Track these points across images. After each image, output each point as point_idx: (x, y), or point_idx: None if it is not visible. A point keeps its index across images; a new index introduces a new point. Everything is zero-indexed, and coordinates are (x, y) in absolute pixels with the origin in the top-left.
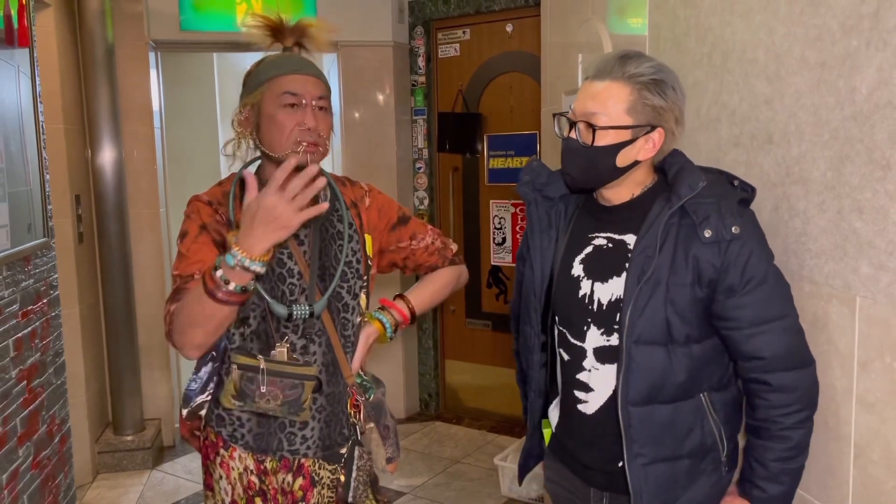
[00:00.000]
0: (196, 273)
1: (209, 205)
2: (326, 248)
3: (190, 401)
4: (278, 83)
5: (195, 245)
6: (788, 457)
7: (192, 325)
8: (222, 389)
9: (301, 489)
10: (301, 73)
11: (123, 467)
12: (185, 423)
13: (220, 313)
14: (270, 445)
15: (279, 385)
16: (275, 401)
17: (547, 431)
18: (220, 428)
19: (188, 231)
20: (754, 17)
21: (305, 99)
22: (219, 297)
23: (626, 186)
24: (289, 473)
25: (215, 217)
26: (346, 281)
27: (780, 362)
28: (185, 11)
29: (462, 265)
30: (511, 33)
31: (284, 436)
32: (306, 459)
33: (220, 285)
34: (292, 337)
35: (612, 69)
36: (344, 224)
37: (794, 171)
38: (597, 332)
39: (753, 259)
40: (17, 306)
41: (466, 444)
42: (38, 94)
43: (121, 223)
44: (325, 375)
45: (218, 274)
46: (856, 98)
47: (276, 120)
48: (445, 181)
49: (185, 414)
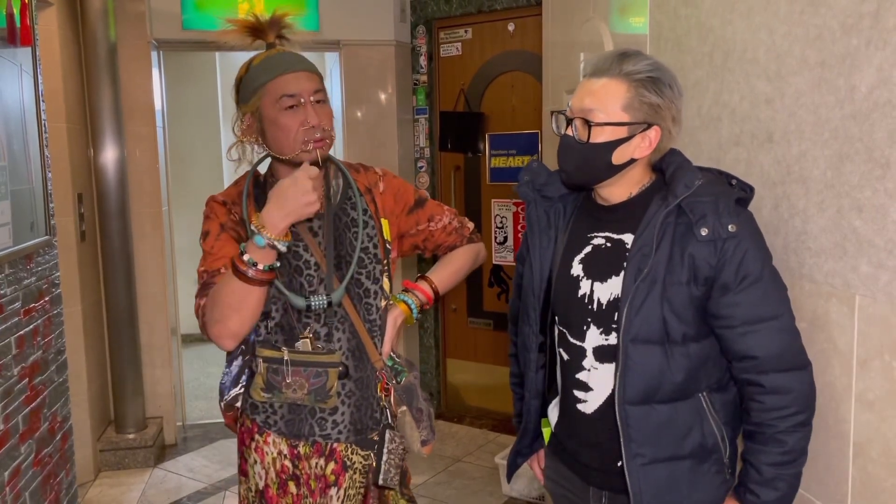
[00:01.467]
0: (222, 268)
1: (223, 205)
2: (341, 237)
3: (224, 394)
4: (273, 87)
5: (218, 242)
6: (784, 462)
7: (227, 311)
8: (253, 382)
9: (333, 473)
10: (292, 71)
11: (125, 465)
12: (227, 415)
13: (252, 296)
14: (302, 431)
15: (303, 374)
16: (301, 390)
17: (546, 431)
18: (255, 415)
19: (209, 230)
20: (755, 16)
21: (303, 97)
22: (249, 277)
23: (623, 185)
24: (321, 458)
25: (230, 217)
26: (363, 267)
27: (774, 363)
28: (188, 11)
29: (480, 243)
30: (513, 32)
31: (315, 421)
32: (338, 444)
33: (250, 266)
34: (315, 326)
35: (610, 67)
36: (358, 211)
37: (794, 169)
38: (596, 331)
39: (749, 257)
40: (19, 304)
41: (468, 442)
42: (40, 92)
43: (123, 222)
44: (352, 361)
45: (245, 257)
46: (856, 97)
47: (279, 124)
48: (447, 180)
49: (223, 406)
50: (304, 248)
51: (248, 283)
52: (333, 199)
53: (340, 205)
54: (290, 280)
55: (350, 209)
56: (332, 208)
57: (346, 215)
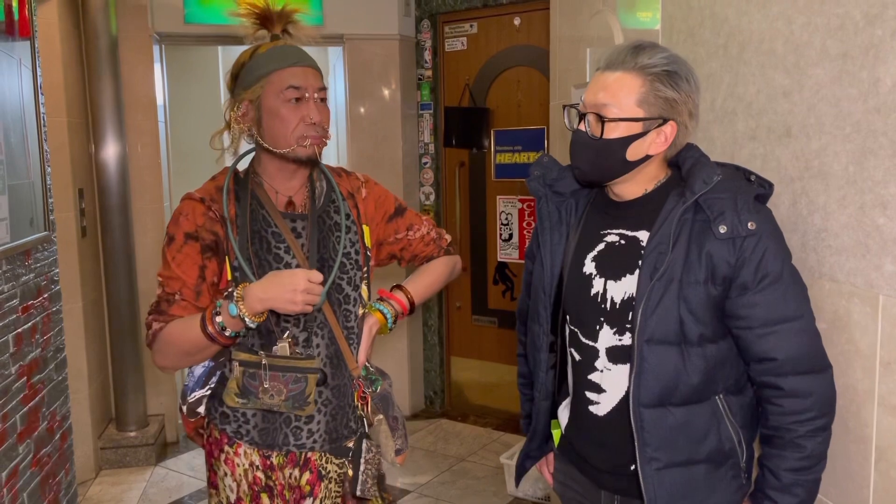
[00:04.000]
0: (177, 294)
1: (202, 202)
2: (324, 240)
3: (187, 396)
4: (279, 77)
5: (179, 255)
6: (802, 467)
7: (180, 354)
8: (225, 388)
9: (308, 483)
10: (301, 65)
11: (126, 463)
12: (189, 422)
13: (209, 349)
14: (276, 440)
15: (282, 380)
16: (279, 396)
17: (556, 432)
18: (225, 425)
19: (175, 237)
20: (772, 6)
21: (308, 92)
22: (214, 338)
23: (638, 182)
24: (296, 468)
25: (208, 215)
26: (345, 272)
27: (793, 365)
28: (190, 4)
29: (456, 255)
30: (519, 27)
31: (290, 430)
32: (313, 453)
33: (218, 330)
34: (294, 330)
35: (625, 60)
36: (341, 215)
37: (813, 164)
38: (610, 331)
39: (769, 256)
40: (17, 301)
41: (472, 441)
42: (39, 86)
43: (124, 217)
44: (330, 368)
45: (218, 320)
46: (879, 89)
47: (279, 115)
48: (452, 176)
49: (185, 411)
50: (286, 250)
51: (210, 341)
52: (318, 202)
53: (324, 208)
54: None
55: (333, 213)
56: (316, 211)
57: (329, 218)
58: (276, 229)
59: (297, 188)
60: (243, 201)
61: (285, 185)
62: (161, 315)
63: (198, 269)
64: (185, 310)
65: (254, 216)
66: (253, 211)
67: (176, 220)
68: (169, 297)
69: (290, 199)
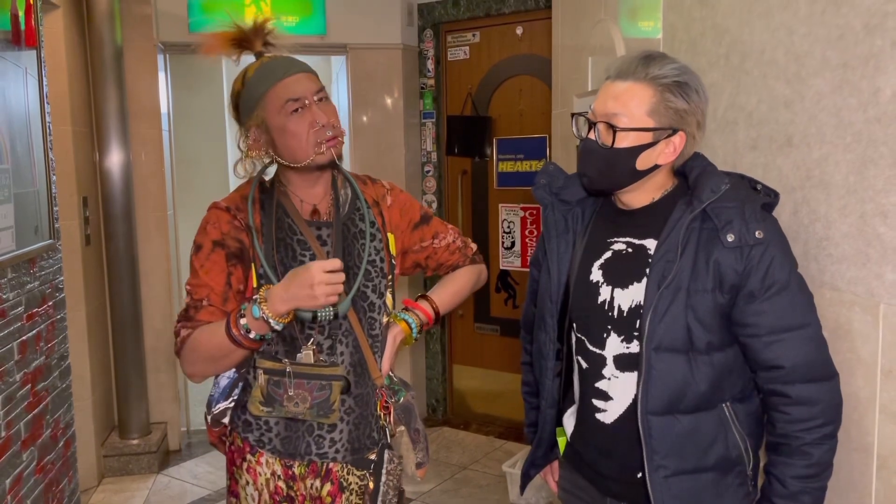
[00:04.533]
0: (205, 300)
1: (227, 211)
2: (349, 248)
3: (212, 406)
4: (274, 94)
5: (207, 263)
6: (809, 475)
7: (207, 361)
8: (249, 396)
9: (329, 495)
10: (290, 74)
11: (129, 471)
12: (213, 431)
13: (235, 354)
14: (298, 449)
15: (307, 387)
16: (303, 403)
17: (562, 440)
18: (247, 433)
19: (202, 245)
20: (773, 17)
21: (307, 99)
22: (239, 342)
23: (645, 190)
24: (317, 479)
25: (233, 223)
26: (370, 280)
27: (801, 373)
28: (194, 13)
29: (482, 264)
30: (521, 36)
31: (313, 439)
32: (335, 464)
33: (242, 333)
34: (318, 338)
35: (635, 70)
36: (366, 223)
37: (814, 174)
38: (617, 339)
39: (776, 264)
40: (21, 309)
41: (474, 450)
42: (45, 95)
43: (128, 226)
44: (354, 376)
45: (242, 322)
46: (880, 99)
47: (288, 131)
48: (454, 185)
49: (210, 421)
50: (312, 257)
51: (235, 345)
52: (342, 209)
53: (349, 215)
54: None
55: (358, 220)
56: (341, 218)
57: (354, 226)
58: (302, 237)
59: (322, 196)
60: (268, 210)
61: (309, 193)
62: (189, 322)
63: (225, 276)
64: (213, 315)
65: (279, 224)
66: (278, 219)
67: (203, 229)
68: (196, 303)
69: (315, 206)
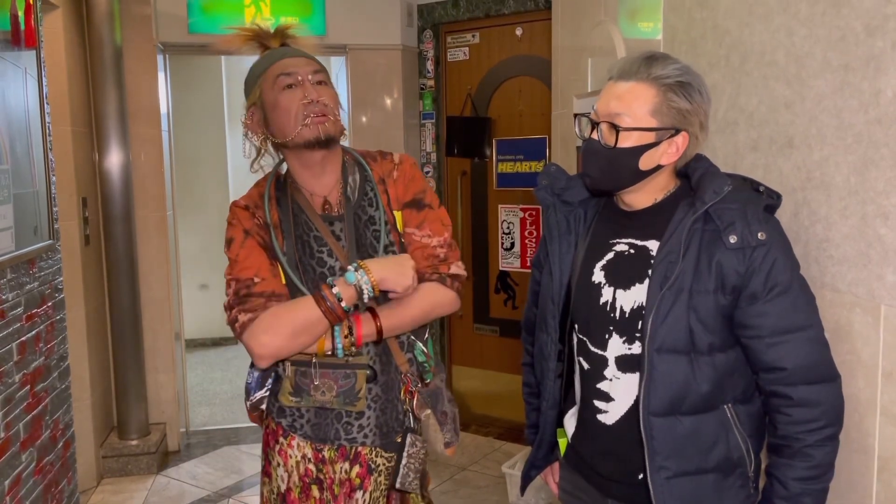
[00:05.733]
0: (255, 277)
1: (246, 209)
2: (362, 239)
3: (250, 395)
4: (271, 71)
5: (243, 250)
6: (811, 476)
7: (288, 335)
8: (280, 387)
9: (358, 476)
10: (290, 56)
11: (128, 472)
12: (252, 414)
13: (319, 328)
14: (328, 435)
15: (332, 376)
16: (329, 392)
17: (562, 441)
18: (281, 419)
19: (234, 237)
20: (774, 18)
21: (301, 75)
22: (332, 309)
23: (648, 191)
24: (346, 461)
25: (254, 221)
26: None
27: (803, 374)
28: (194, 14)
29: (451, 291)
30: (521, 37)
31: (341, 426)
32: (363, 448)
33: (336, 300)
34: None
35: (638, 70)
36: (375, 208)
37: (815, 175)
38: (619, 340)
39: (778, 266)
40: (21, 309)
41: (474, 451)
42: (44, 95)
43: (127, 226)
44: (378, 364)
45: (335, 290)
46: (881, 101)
47: (278, 105)
48: (454, 186)
49: (248, 406)
50: (329, 253)
51: (325, 315)
52: (352, 197)
53: (359, 202)
54: (316, 286)
55: (368, 206)
56: (351, 209)
57: (364, 213)
58: (318, 233)
59: (332, 186)
60: (285, 207)
61: (317, 185)
62: (245, 303)
63: (266, 257)
64: (269, 285)
65: (296, 221)
66: (295, 216)
67: (230, 225)
68: (247, 283)
69: (326, 198)
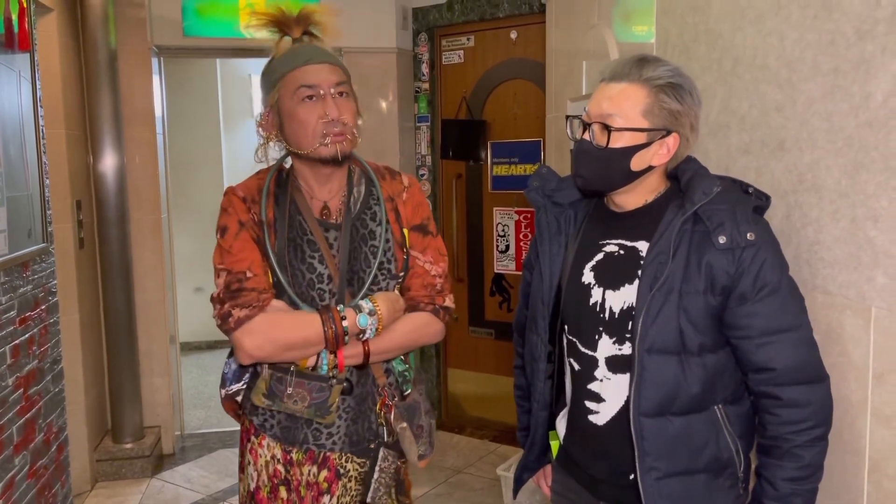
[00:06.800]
0: (248, 271)
1: (243, 201)
2: (356, 252)
3: (225, 385)
4: (292, 78)
5: (237, 242)
6: (800, 477)
7: (283, 347)
8: (255, 386)
9: (326, 481)
10: (313, 62)
11: (122, 475)
12: (226, 403)
13: (315, 349)
14: (297, 438)
15: (306, 387)
16: (302, 402)
17: (554, 443)
18: (253, 416)
19: (228, 226)
20: (765, 22)
21: (323, 88)
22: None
23: (638, 192)
24: (314, 465)
25: (249, 215)
26: (376, 284)
27: (791, 375)
28: (189, 17)
29: (441, 323)
30: (515, 40)
31: (311, 431)
32: (332, 453)
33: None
34: None
35: (629, 72)
36: (378, 224)
37: (806, 178)
38: (609, 341)
39: (767, 267)
40: (14, 312)
41: (469, 453)
42: (38, 98)
43: (122, 229)
44: (355, 376)
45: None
46: (871, 104)
47: (296, 116)
48: (449, 188)
49: (223, 395)
50: (320, 259)
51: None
52: (353, 208)
53: (359, 215)
54: (302, 292)
55: (369, 220)
56: (350, 219)
57: (364, 227)
58: (312, 237)
59: (334, 193)
60: (282, 205)
61: (321, 190)
62: (238, 298)
63: (258, 251)
64: (260, 282)
65: (291, 222)
66: (291, 216)
67: (225, 212)
68: (239, 276)
69: (326, 204)
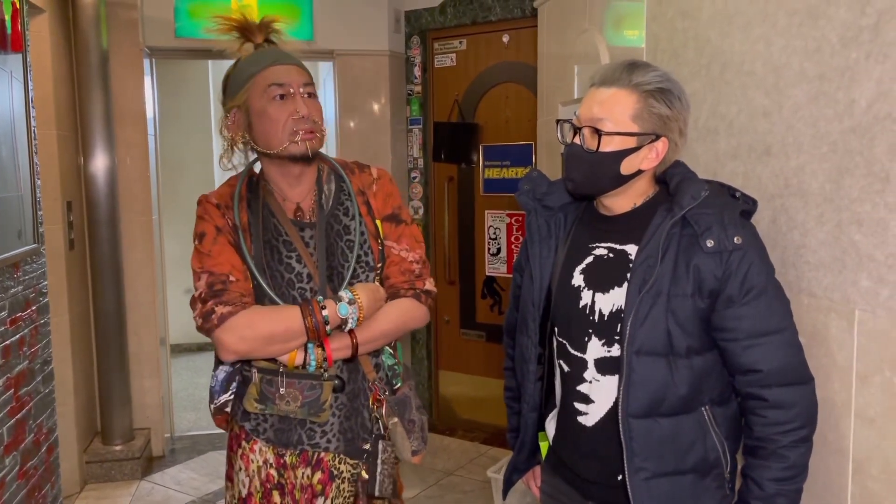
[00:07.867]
0: (230, 275)
1: (217, 208)
2: (332, 248)
3: (214, 398)
4: (262, 77)
5: (217, 247)
6: (785, 477)
7: (264, 340)
8: (245, 394)
9: (320, 483)
10: (282, 63)
11: (112, 477)
12: (217, 417)
13: (297, 342)
14: (291, 440)
15: (298, 386)
16: (294, 402)
17: (544, 445)
18: (244, 422)
19: (206, 232)
20: (753, 29)
21: (293, 87)
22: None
23: (627, 196)
24: (308, 467)
25: (224, 220)
26: (356, 277)
27: (777, 377)
28: (181, 18)
29: (424, 306)
30: (507, 44)
31: (304, 431)
32: (326, 454)
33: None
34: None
35: (619, 77)
36: (350, 217)
37: (792, 182)
38: (598, 342)
39: (754, 270)
40: (5, 313)
41: (460, 455)
42: (30, 99)
43: (113, 230)
44: (346, 373)
45: (324, 313)
46: (855, 110)
47: (267, 114)
48: (441, 191)
49: (213, 410)
50: (298, 258)
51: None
52: (325, 205)
53: (332, 211)
54: (282, 293)
55: (342, 215)
56: (324, 217)
57: (337, 223)
58: (287, 238)
59: (305, 193)
60: (255, 209)
61: (292, 192)
62: (221, 297)
63: (237, 256)
64: (243, 287)
65: (265, 224)
66: (265, 219)
67: (201, 219)
68: (223, 278)
69: (298, 205)
